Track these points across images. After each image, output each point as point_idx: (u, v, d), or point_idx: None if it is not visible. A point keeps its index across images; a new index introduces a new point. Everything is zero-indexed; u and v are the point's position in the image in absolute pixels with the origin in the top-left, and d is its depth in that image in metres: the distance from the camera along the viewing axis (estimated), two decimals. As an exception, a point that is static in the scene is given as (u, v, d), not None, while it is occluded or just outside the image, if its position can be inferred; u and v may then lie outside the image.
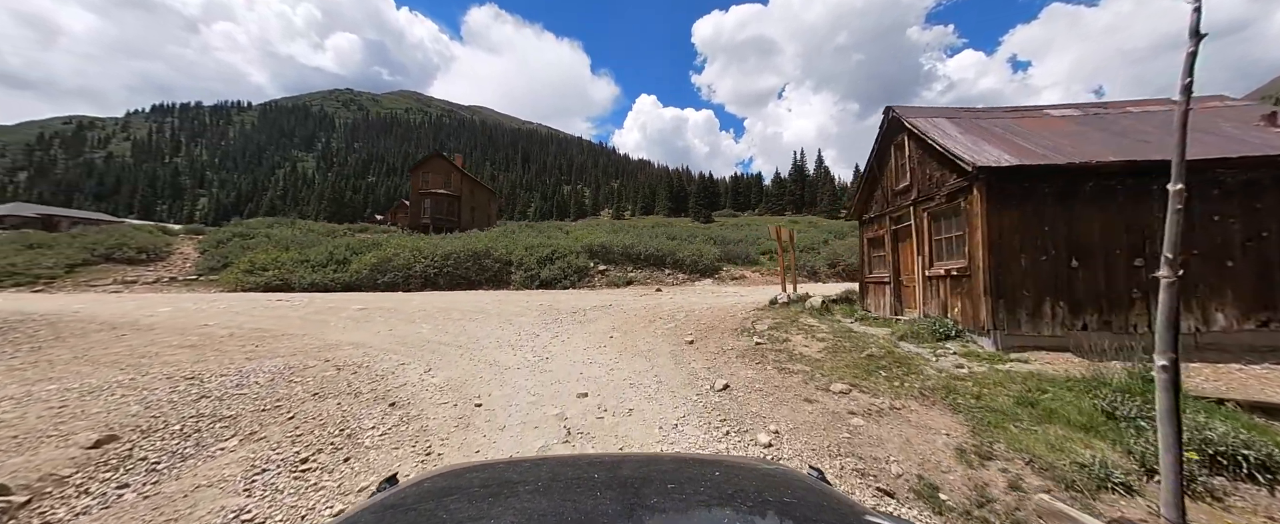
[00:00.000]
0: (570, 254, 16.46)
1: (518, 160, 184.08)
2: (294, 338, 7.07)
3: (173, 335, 7.30)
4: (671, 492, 0.87)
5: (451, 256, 15.27)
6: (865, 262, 9.22)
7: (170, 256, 18.25)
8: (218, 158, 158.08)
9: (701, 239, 20.59)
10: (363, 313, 9.51)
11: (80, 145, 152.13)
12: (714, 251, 16.79)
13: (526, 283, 15.08)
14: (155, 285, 14.45)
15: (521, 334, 7.29)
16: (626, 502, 0.81)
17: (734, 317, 7.76)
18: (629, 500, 0.82)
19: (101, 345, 6.50)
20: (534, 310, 9.54)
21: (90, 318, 8.61)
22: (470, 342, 6.84)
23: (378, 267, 14.74)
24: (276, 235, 20.54)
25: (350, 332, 7.63)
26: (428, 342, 6.91)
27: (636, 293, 12.68)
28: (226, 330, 7.66)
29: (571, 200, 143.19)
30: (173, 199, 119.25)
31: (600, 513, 0.77)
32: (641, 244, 17.17)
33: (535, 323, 8.16)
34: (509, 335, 7.24)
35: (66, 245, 15.96)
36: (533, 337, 7.05)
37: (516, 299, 11.53)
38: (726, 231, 26.46)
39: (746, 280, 15.49)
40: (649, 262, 16.66)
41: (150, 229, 21.34)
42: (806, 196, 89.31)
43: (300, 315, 9.13)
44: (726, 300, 10.25)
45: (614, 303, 10.27)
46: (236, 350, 6.17)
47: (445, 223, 30.51)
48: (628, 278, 15.34)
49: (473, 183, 37.89)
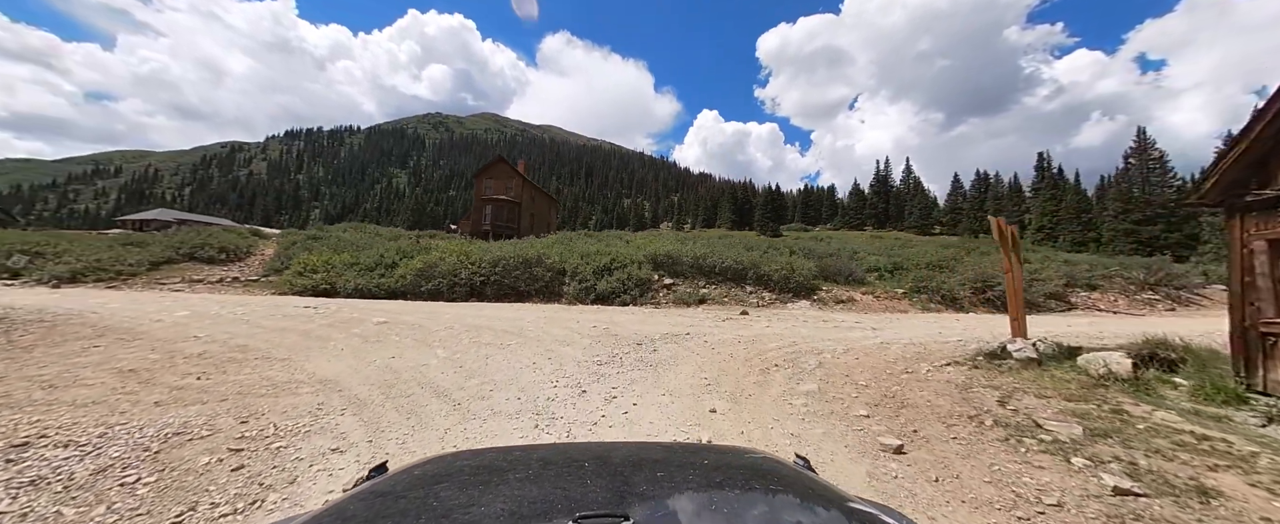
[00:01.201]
0: (631, 264, 13.95)
1: (582, 174, 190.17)
2: (263, 365, 5.17)
3: (142, 349, 5.77)
4: (661, 479, 0.87)
5: (500, 264, 13.48)
6: (1249, 286, 4.32)
7: (249, 257, 18.67)
8: (330, 174, 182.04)
9: (786, 251, 17.10)
10: (379, 329, 7.63)
11: (231, 165, 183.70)
12: (809, 267, 13.30)
13: (581, 296, 12.78)
14: (217, 285, 14.32)
15: (560, 382, 4.74)
16: (616, 489, 0.82)
17: (916, 374, 4.60)
18: (618, 487, 0.82)
19: (41, 362, 5.01)
20: (585, 336, 7.02)
21: (97, 320, 7.59)
22: (481, 391, 4.41)
23: (423, 272, 13.35)
24: (344, 238, 20.54)
25: (340, 359, 5.63)
26: (425, 384, 4.61)
27: (716, 316, 9.72)
28: (203, 346, 6.03)
29: (631, 213, 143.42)
30: (293, 210, 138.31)
31: (590, 500, 0.77)
32: (716, 255, 14.19)
33: (584, 359, 5.60)
34: (541, 381, 4.73)
35: (158, 244, 16.66)
36: (576, 389, 4.45)
37: (565, 318, 9.14)
38: (813, 245, 22.53)
39: (856, 304, 11.82)
40: (726, 276, 13.61)
41: (241, 231, 22.48)
42: (891, 211, 79.98)
43: (306, 329, 7.46)
44: (861, 336, 6.94)
45: (691, 330, 7.44)
46: (170, 384, 4.31)
47: (505, 230, 29.88)
48: (699, 295, 12.42)
49: (534, 190, 37.43)
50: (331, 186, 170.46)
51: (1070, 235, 41.15)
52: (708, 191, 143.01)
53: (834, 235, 48.74)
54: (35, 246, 14.52)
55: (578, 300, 12.82)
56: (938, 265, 14.80)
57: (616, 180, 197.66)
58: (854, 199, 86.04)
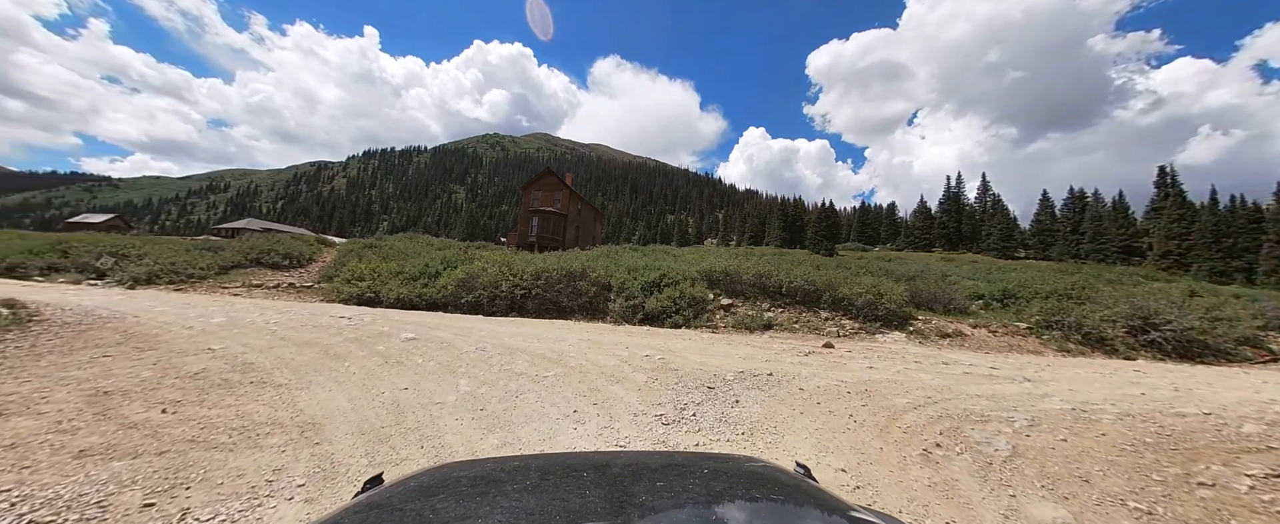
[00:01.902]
0: (683, 281, 12.48)
1: (626, 191, 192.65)
2: (252, 393, 4.25)
3: (143, 364, 5.12)
4: (660, 489, 0.85)
5: (542, 276, 12.53)
6: None
7: (311, 264, 19.23)
8: (398, 190, 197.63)
9: (862, 271, 14.85)
10: (405, 348, 6.69)
11: (316, 181, 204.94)
12: (899, 291, 11.09)
13: (627, 314, 11.45)
14: (273, 290, 14.53)
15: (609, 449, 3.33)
16: (615, 499, 0.80)
17: (1221, 485, 2.71)
18: (618, 498, 0.81)
19: (30, 376, 4.40)
20: (638, 369, 5.62)
21: (131, 325, 7.28)
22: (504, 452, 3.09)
23: (464, 283, 12.68)
24: (397, 247, 20.80)
25: (344, 387, 4.61)
26: (430, 439, 3.40)
27: (792, 347, 7.96)
28: (207, 362, 5.29)
29: (675, 228, 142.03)
30: (365, 221, 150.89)
31: (589, 510, 0.75)
32: (782, 273, 12.35)
33: (641, 409, 4.19)
34: (584, 446, 3.36)
35: (230, 249, 17.48)
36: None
37: (612, 343, 7.80)
38: (886, 266, 19.88)
39: (968, 340, 9.49)
40: (794, 298, 11.72)
41: (307, 239, 23.55)
42: (965, 231, 72.66)
43: (328, 344, 6.66)
44: (1020, 393, 4.94)
45: (774, 369, 5.80)
46: (126, 419, 3.43)
47: (551, 242, 29.53)
48: (764, 319, 10.64)
49: (580, 202, 37.12)
50: (399, 201, 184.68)
51: (1209, 263, 34.28)
52: (754, 208, 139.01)
53: (896, 256, 44.33)
54: (123, 249, 15.59)
55: (624, 319, 11.50)
56: (1065, 294, 11.96)
57: (660, 196, 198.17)
58: (919, 218, 79.10)
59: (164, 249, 16.48)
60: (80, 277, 13.67)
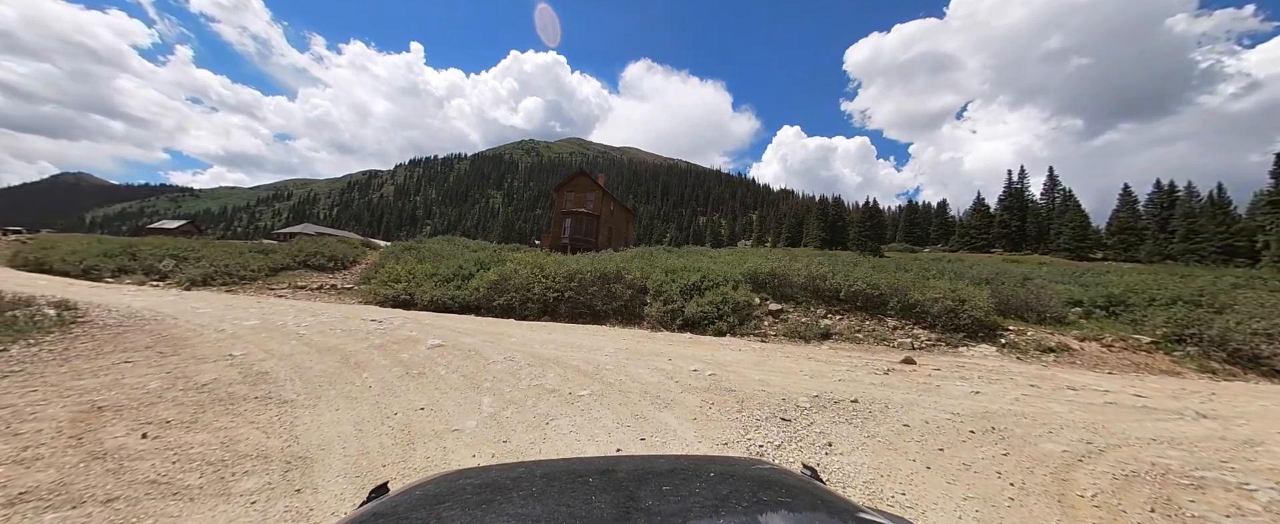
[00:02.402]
0: (726, 284, 11.47)
1: (657, 193, 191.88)
2: (252, 412, 3.75)
3: (157, 372, 4.81)
4: (667, 493, 0.85)
5: (576, 278, 11.89)
6: None
7: (354, 266, 19.67)
8: (440, 196, 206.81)
9: (931, 273, 13.23)
10: (429, 357, 6.15)
11: (367, 189, 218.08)
12: (983, 297, 9.55)
13: (666, 320, 10.58)
14: (315, 292, 14.77)
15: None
16: (622, 504, 0.80)
17: None
18: (624, 503, 0.80)
19: (38, 383, 4.12)
20: (686, 388, 4.74)
21: (167, 328, 7.21)
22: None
23: (496, 286, 12.27)
24: (434, 249, 20.96)
25: (354, 406, 4.03)
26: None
27: (864, 362, 6.80)
28: (221, 371, 4.91)
29: (707, 230, 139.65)
30: (410, 226, 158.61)
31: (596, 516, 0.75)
32: (839, 275, 11.07)
33: (699, 445, 3.31)
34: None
35: (280, 252, 18.11)
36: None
37: (652, 353, 6.96)
38: (948, 266, 17.91)
39: (1077, 356, 7.87)
40: (855, 304, 10.42)
41: (353, 242, 24.28)
42: (1029, 230, 66.53)
43: (351, 351, 6.23)
44: (1204, 436, 3.66)
45: (856, 392, 4.73)
46: (97, 448, 2.96)
47: (583, 243, 29.14)
48: (821, 328, 9.44)
49: (613, 202, 36.55)
50: (441, 206, 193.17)
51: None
52: (790, 208, 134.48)
53: (950, 257, 40.73)
54: (184, 252, 16.42)
55: (662, 325, 10.63)
56: (1192, 301, 9.92)
57: (692, 198, 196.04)
58: (976, 216, 73.18)
59: (220, 252, 17.26)
60: (145, 278, 14.42)
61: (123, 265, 15.08)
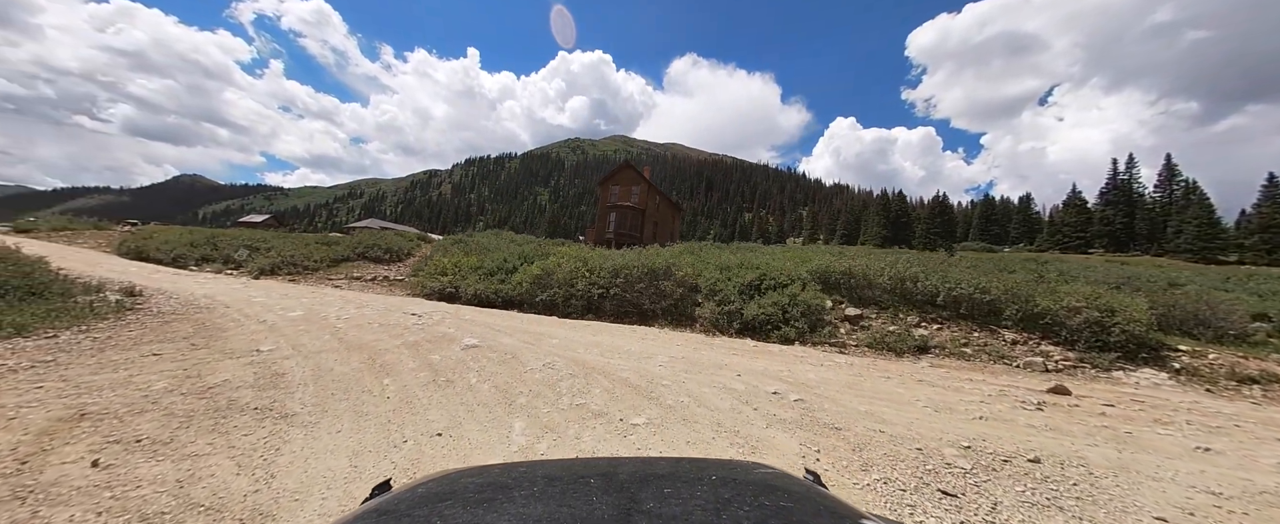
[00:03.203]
0: (792, 283, 10.06)
1: (701, 189, 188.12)
2: (246, 429, 3.11)
3: (174, 371, 4.42)
4: (668, 496, 0.85)
5: (621, 274, 10.98)
6: None
7: (409, 258, 20.13)
8: (492, 193, 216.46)
9: (1044, 276, 10.96)
10: (461, 360, 5.45)
11: (427, 187, 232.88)
12: (1140, 308, 7.42)
13: (722, 323, 9.39)
14: (369, 283, 15.05)
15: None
16: (623, 506, 0.81)
17: None
18: (625, 505, 0.81)
19: (48, 379, 3.79)
20: (773, 423, 3.61)
21: (215, 318, 7.11)
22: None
23: (539, 280, 11.66)
24: (481, 243, 21.02)
25: (361, 429, 3.30)
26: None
27: (998, 390, 5.23)
28: (237, 371, 4.44)
29: (754, 226, 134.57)
30: (464, 222, 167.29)
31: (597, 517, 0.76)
32: (934, 276, 9.28)
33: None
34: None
35: (343, 244, 18.83)
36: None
37: (714, 363, 5.84)
38: (1060, 268, 15.15)
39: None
40: (958, 311, 8.63)
41: (408, 235, 25.07)
42: (1138, 228, 57.44)
43: (382, 350, 5.68)
44: None
45: (1024, 446, 3.34)
46: (29, 482, 2.36)
47: (628, 238, 28.33)
48: (915, 339, 7.81)
49: (659, 196, 35.35)
50: (493, 203, 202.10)
51: None
52: (845, 204, 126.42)
53: (1039, 257, 35.49)
54: (257, 243, 17.44)
55: (717, 328, 9.45)
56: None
57: (737, 194, 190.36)
58: (1070, 212, 64.32)
59: (289, 243, 18.21)
60: (222, 266, 15.38)
61: (205, 254, 16.23)
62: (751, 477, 0.99)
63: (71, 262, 12.42)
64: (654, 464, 1.08)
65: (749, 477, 0.99)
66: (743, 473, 1.02)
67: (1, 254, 7.75)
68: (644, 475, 0.95)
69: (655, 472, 0.99)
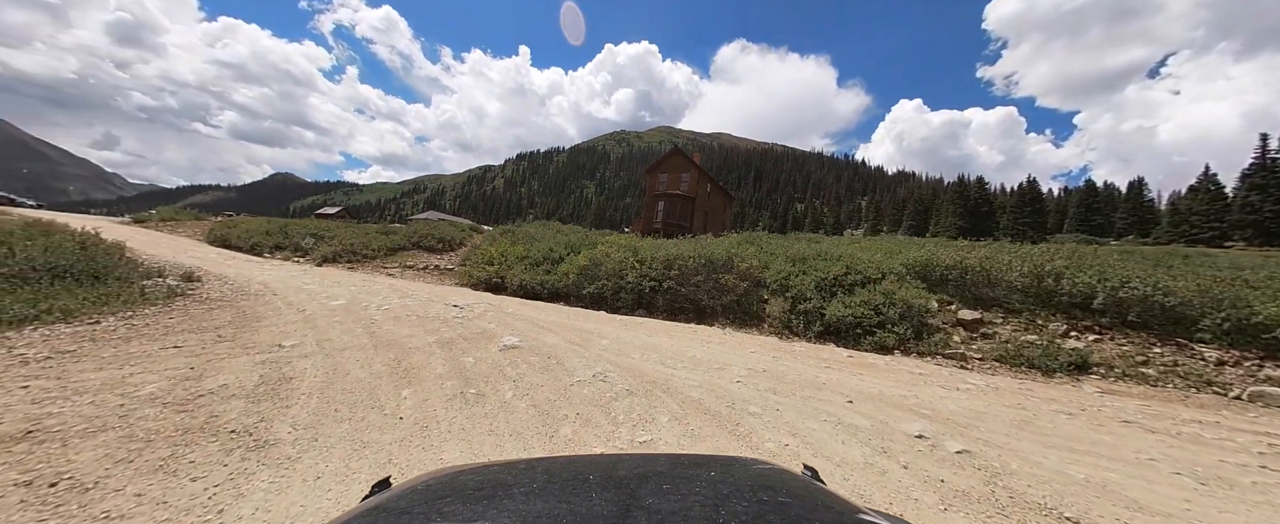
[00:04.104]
0: (884, 278, 8.38)
1: (750, 179, 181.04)
2: (214, 458, 2.34)
3: (170, 373, 3.88)
4: (667, 492, 0.86)
5: (675, 265, 9.82)
6: None
7: (460, 248, 20.26)
8: (541, 186, 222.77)
9: (1216, 271, 8.38)
10: (497, 364, 4.60)
11: (482, 182, 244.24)
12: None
13: (797, 324, 7.97)
14: (420, 272, 15.07)
15: None
16: (622, 502, 0.81)
17: None
18: (625, 501, 0.81)
19: (50, 373, 3.33)
20: (947, 499, 2.34)
21: (258, 306, 6.88)
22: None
23: (586, 271, 10.80)
24: (528, 232, 20.72)
25: (351, 464, 2.45)
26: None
27: (1260, 435, 3.56)
28: (247, 372, 3.84)
29: (807, 217, 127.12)
30: (515, 214, 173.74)
31: (596, 514, 0.76)
32: (1087, 274, 7.20)
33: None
34: None
35: (400, 234, 19.24)
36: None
37: (811, 382, 4.56)
38: (1213, 262, 11.99)
39: None
40: (1122, 317, 6.58)
41: (461, 226, 25.42)
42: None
43: (411, 348, 4.97)
44: None
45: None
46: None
47: (677, 228, 27.01)
48: (1066, 354, 5.95)
49: (710, 183, 33.44)
50: (541, 196, 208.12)
51: None
52: (911, 192, 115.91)
53: (1166, 250, 29.33)
54: (322, 232, 18.19)
55: (791, 331, 8.05)
56: None
57: (788, 184, 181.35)
58: (1200, 199, 53.93)
59: (350, 233, 18.87)
60: (291, 254, 16.11)
61: (278, 242, 17.14)
62: (749, 473, 1.00)
63: (162, 248, 13.35)
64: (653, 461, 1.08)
65: (747, 473, 1.00)
66: (741, 469, 1.03)
67: (81, 239, 8.05)
68: (643, 472, 0.96)
69: (654, 468, 1.00)
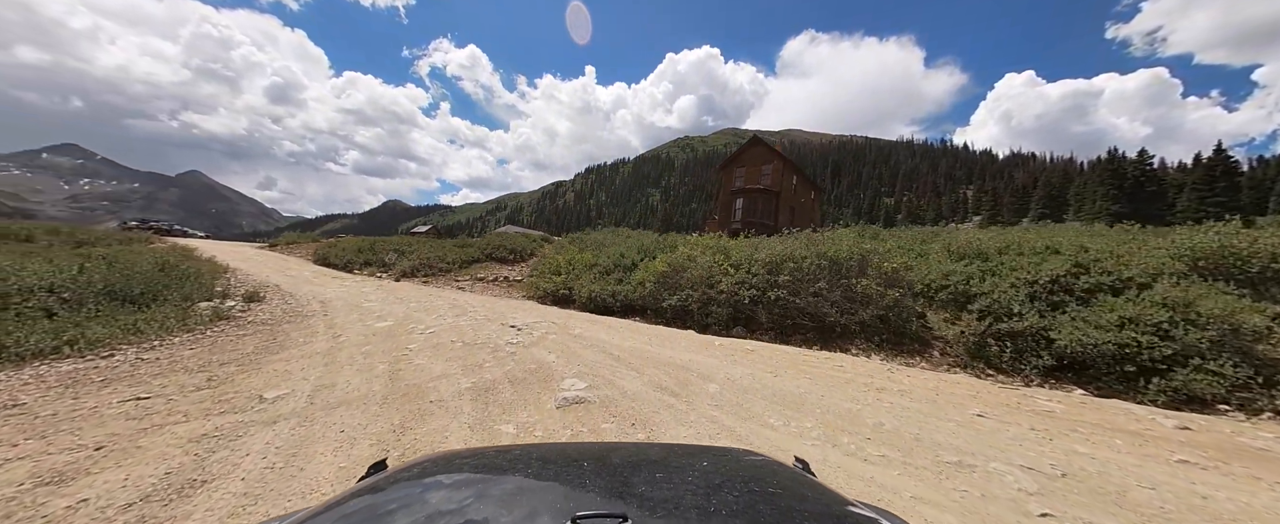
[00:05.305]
0: (1155, 280, 5.32)
1: (827, 174, 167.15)
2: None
3: (196, 408, 2.65)
4: (660, 480, 0.86)
5: (784, 267, 7.52)
6: None
7: (530, 258, 19.73)
8: (609, 198, 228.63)
9: None
10: (572, 413, 2.83)
11: (556, 197, 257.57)
12: None
13: (1000, 354, 5.27)
14: (490, 284, 14.45)
15: None
16: (615, 489, 0.81)
17: None
18: (617, 488, 0.82)
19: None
20: None
21: (306, 328, 6.01)
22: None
23: (664, 279, 8.94)
24: (596, 239, 19.58)
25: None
26: None
27: None
28: (258, 413, 2.49)
29: (899, 212, 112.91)
30: (584, 225, 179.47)
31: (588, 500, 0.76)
32: None
33: None
34: None
35: (474, 246, 19.17)
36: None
37: (1151, 510, 2.11)
38: None
39: None
40: None
41: (531, 236, 25.23)
42: None
43: (439, 397, 3.44)
44: None
45: None
46: None
47: (760, 227, 24.14)
48: None
49: (796, 175, 29.59)
50: (609, 207, 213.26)
51: None
52: (1032, 176, 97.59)
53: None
54: (403, 248, 18.67)
55: (990, 364, 5.37)
56: None
57: (871, 177, 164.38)
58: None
59: (429, 247, 19.21)
60: (376, 269, 16.56)
61: (367, 259, 17.88)
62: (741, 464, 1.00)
63: (266, 268, 14.19)
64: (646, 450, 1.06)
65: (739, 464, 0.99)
66: (733, 460, 1.01)
67: (161, 261, 8.08)
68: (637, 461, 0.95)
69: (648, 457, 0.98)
